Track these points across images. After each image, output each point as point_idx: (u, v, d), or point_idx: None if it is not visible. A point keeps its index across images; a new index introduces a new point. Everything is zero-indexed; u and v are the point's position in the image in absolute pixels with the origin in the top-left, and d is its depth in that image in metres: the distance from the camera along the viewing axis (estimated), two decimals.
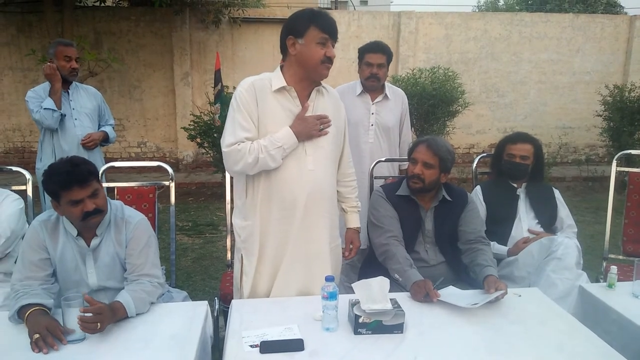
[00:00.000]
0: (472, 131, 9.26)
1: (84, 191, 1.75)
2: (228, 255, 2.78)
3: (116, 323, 1.67)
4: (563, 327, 1.68)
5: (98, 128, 3.51)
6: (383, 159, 2.93)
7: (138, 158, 8.73)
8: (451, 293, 1.92)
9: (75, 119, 3.32)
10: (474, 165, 2.98)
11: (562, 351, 1.53)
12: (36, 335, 1.53)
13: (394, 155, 3.16)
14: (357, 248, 2.22)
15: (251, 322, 1.68)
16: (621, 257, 2.91)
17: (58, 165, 1.76)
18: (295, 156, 1.91)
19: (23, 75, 8.29)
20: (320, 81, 1.97)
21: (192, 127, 6.40)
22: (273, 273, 1.98)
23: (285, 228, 1.94)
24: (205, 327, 1.72)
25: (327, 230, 2.02)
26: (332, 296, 1.60)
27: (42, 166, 3.30)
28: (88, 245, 1.87)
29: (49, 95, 3.18)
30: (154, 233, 2.10)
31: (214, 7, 8.00)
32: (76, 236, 1.85)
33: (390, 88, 3.12)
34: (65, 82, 3.28)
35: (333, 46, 1.91)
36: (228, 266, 2.77)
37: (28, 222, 2.33)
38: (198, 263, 4.28)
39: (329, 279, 1.63)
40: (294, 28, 1.87)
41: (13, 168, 2.59)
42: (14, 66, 8.27)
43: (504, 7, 20.98)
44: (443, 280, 2.15)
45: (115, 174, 5.47)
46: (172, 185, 2.58)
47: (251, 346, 1.53)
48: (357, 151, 2.96)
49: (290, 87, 1.91)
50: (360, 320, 1.60)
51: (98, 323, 1.56)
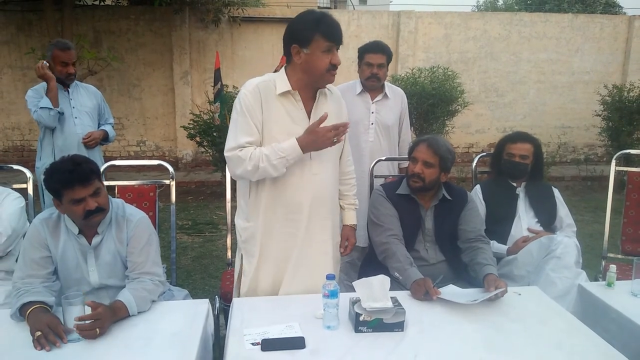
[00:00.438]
0: (472, 130, 9.27)
1: (86, 190, 1.75)
2: (228, 253, 2.79)
3: (118, 321, 1.67)
4: (562, 326, 1.69)
5: (98, 127, 3.51)
6: (383, 158, 2.94)
7: (137, 157, 8.73)
8: (451, 291, 1.93)
9: (75, 118, 3.32)
10: (474, 164, 2.99)
11: (562, 349, 1.54)
12: (38, 332, 1.54)
13: (394, 154, 3.17)
14: (353, 245, 2.23)
15: (252, 320, 1.69)
16: (620, 256, 2.92)
17: (60, 163, 1.76)
18: (299, 160, 1.89)
19: (22, 73, 8.28)
20: (324, 86, 1.96)
21: (192, 126, 6.40)
22: (276, 275, 1.98)
23: (290, 231, 1.94)
24: (206, 326, 1.73)
25: (330, 230, 2.04)
26: (333, 294, 1.61)
27: (42, 165, 3.30)
28: (89, 243, 1.87)
29: (45, 94, 3.17)
30: (155, 231, 2.10)
31: (214, 6, 7.99)
32: (77, 234, 1.85)
33: (389, 87, 3.13)
34: (61, 81, 3.28)
35: (337, 50, 1.87)
36: (228, 265, 2.77)
37: (29, 221, 2.33)
38: (198, 262, 4.28)
39: (330, 277, 1.63)
40: (299, 36, 1.83)
41: (14, 166, 2.59)
42: (14, 65, 8.26)
43: (503, 7, 21.00)
44: (443, 278, 2.15)
45: (114, 173, 5.47)
46: (173, 184, 2.58)
47: (252, 344, 1.53)
48: (357, 150, 2.97)
49: (295, 92, 1.90)
50: (361, 318, 1.60)
51: (97, 329, 1.56)
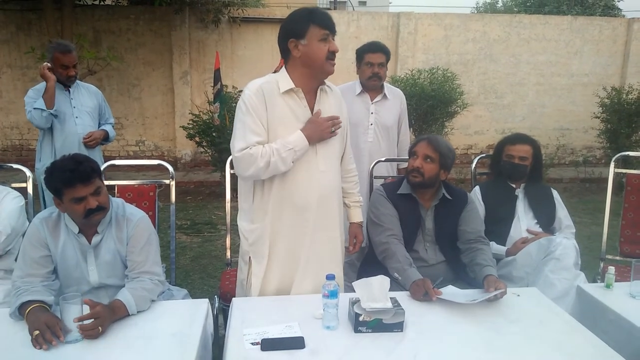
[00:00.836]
0: (471, 132, 9.28)
1: (87, 189, 1.75)
2: (227, 253, 2.79)
3: (117, 321, 1.67)
4: (561, 327, 1.70)
5: (98, 126, 3.50)
6: (382, 159, 2.94)
7: (136, 156, 8.73)
8: (450, 292, 1.93)
9: (76, 117, 3.32)
10: (473, 165, 3.00)
11: (560, 350, 1.54)
12: (36, 331, 1.54)
13: (393, 154, 3.18)
14: (361, 242, 2.24)
15: (252, 320, 1.69)
16: (618, 258, 2.93)
17: (61, 162, 1.76)
18: (306, 157, 1.91)
19: (22, 73, 8.27)
20: (324, 79, 1.98)
21: (191, 126, 6.40)
22: (287, 275, 1.98)
23: (298, 230, 1.95)
24: (206, 325, 1.73)
25: (338, 227, 2.05)
26: (333, 294, 1.61)
27: (41, 166, 3.29)
28: (89, 242, 1.87)
29: (42, 94, 3.16)
30: (155, 231, 2.10)
31: (214, 7, 8.00)
32: (77, 233, 1.85)
33: (388, 88, 3.15)
34: (62, 82, 3.27)
35: (333, 40, 1.91)
36: (227, 265, 2.77)
37: (28, 220, 2.33)
38: (196, 262, 4.28)
39: (330, 278, 1.64)
40: (294, 30, 1.88)
41: (13, 165, 2.58)
42: (13, 64, 8.25)
43: (503, 9, 21.03)
44: (442, 280, 2.16)
45: (113, 172, 5.46)
46: (173, 183, 2.58)
47: (252, 344, 1.54)
48: (357, 151, 2.97)
49: (297, 89, 1.92)
50: (360, 318, 1.61)
51: (99, 327, 1.56)
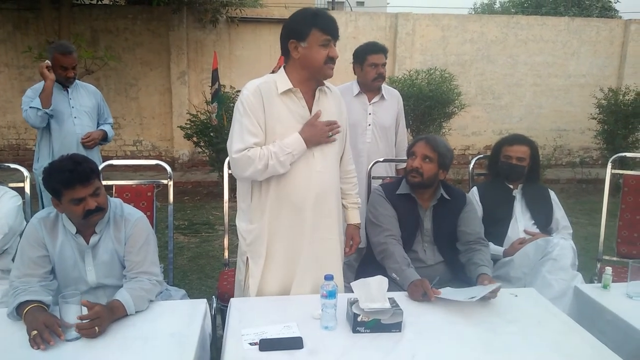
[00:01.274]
0: (468, 133, 9.30)
1: (86, 189, 1.74)
2: (225, 254, 2.78)
3: (115, 321, 1.67)
4: (559, 327, 1.70)
5: (97, 126, 3.49)
6: (381, 160, 2.95)
7: (133, 156, 8.71)
8: (448, 292, 1.93)
9: (74, 118, 3.30)
10: (471, 166, 3.01)
11: (558, 350, 1.54)
12: (34, 331, 1.53)
13: (391, 155, 3.18)
14: (358, 244, 2.24)
15: (250, 320, 1.69)
16: (615, 259, 2.94)
17: (59, 163, 1.75)
18: (303, 157, 1.91)
19: (19, 72, 8.25)
20: (323, 80, 1.98)
21: (189, 126, 6.40)
22: (286, 275, 1.98)
23: (296, 230, 1.95)
24: (204, 325, 1.73)
25: (336, 227, 2.05)
26: (331, 295, 1.61)
27: (40, 167, 3.27)
28: (87, 242, 1.87)
29: (39, 94, 3.13)
30: (153, 231, 2.10)
31: (212, 7, 7.99)
32: (75, 233, 1.85)
33: (385, 89, 3.17)
34: (61, 83, 3.26)
35: (334, 45, 1.91)
36: (225, 265, 2.77)
37: (25, 219, 2.32)
38: (194, 262, 4.27)
39: (328, 278, 1.64)
40: (296, 31, 1.87)
41: (11, 165, 2.57)
42: (10, 63, 8.23)
43: (500, 10, 21.08)
44: (440, 280, 2.16)
45: (110, 172, 5.46)
46: (171, 184, 2.58)
47: (250, 344, 1.53)
48: (355, 151, 2.97)
49: (296, 89, 1.91)
50: (358, 318, 1.61)
51: (96, 328, 1.56)
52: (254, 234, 1.99)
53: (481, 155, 3.05)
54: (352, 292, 1.68)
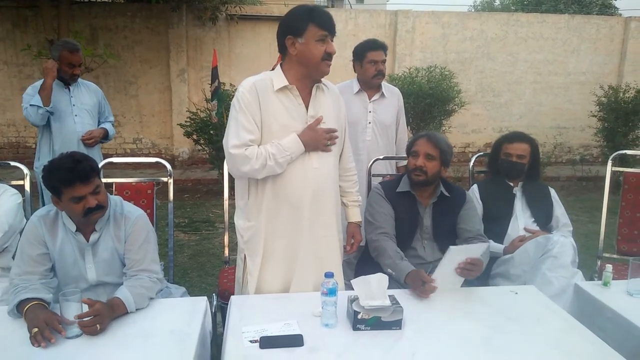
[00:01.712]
0: (468, 130, 9.30)
1: (87, 188, 1.74)
2: (226, 251, 2.78)
3: (116, 318, 1.67)
4: (559, 324, 1.70)
5: (98, 124, 3.48)
6: (381, 157, 2.95)
7: (133, 154, 8.70)
8: (438, 276, 1.91)
9: (75, 116, 3.29)
10: (471, 164, 3.01)
11: (558, 348, 1.55)
12: (35, 329, 1.53)
13: (391, 152, 3.18)
14: (359, 242, 2.23)
15: (251, 318, 1.69)
16: (615, 256, 2.94)
17: (59, 161, 1.74)
18: (300, 155, 1.91)
19: (18, 70, 8.23)
20: (320, 79, 1.97)
21: (189, 124, 6.39)
22: (285, 272, 1.98)
23: (294, 227, 1.95)
24: (204, 323, 1.73)
25: (335, 225, 2.05)
26: (332, 292, 1.61)
27: (40, 165, 3.26)
28: (87, 240, 1.87)
29: (38, 91, 3.12)
30: (153, 228, 2.10)
31: (211, 4, 7.96)
32: (75, 231, 1.85)
33: (386, 86, 3.16)
34: (64, 80, 3.25)
35: (332, 41, 1.90)
36: (225, 262, 2.77)
37: (26, 217, 2.32)
38: (194, 260, 4.28)
39: (328, 275, 1.64)
40: (292, 27, 1.86)
41: (11, 163, 2.57)
42: (9, 61, 8.21)
43: (500, 7, 21.05)
44: (432, 268, 2.15)
45: (110, 170, 5.45)
46: (171, 181, 2.58)
47: (251, 341, 1.54)
48: (355, 149, 2.97)
49: (292, 86, 1.91)
50: (359, 316, 1.61)
51: (97, 325, 1.56)
52: (251, 232, 1.99)
53: (481, 152, 3.06)
54: (352, 290, 1.68)
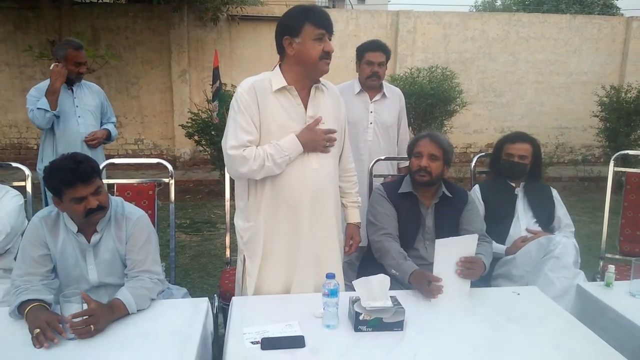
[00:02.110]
0: (469, 130, 9.29)
1: (88, 188, 1.74)
2: (227, 252, 2.78)
3: (117, 320, 1.67)
4: (561, 325, 1.70)
5: (100, 125, 3.48)
6: (382, 158, 2.94)
7: (135, 155, 8.71)
8: (439, 271, 1.89)
9: (78, 117, 3.29)
10: (473, 164, 3.00)
11: (560, 349, 1.54)
12: (37, 330, 1.53)
13: (393, 153, 3.18)
14: (357, 243, 2.23)
15: (252, 319, 1.69)
16: (617, 257, 2.93)
17: (60, 162, 1.75)
18: (298, 156, 1.90)
19: (19, 71, 8.25)
20: (319, 78, 1.97)
21: (190, 125, 6.39)
22: (285, 273, 1.98)
23: (293, 228, 1.94)
24: (206, 324, 1.73)
25: (335, 226, 2.04)
26: (333, 293, 1.61)
27: (43, 166, 3.27)
28: (88, 241, 1.87)
29: (45, 94, 3.10)
30: (154, 229, 2.10)
31: (212, 5, 7.97)
32: (76, 232, 1.85)
33: (387, 87, 3.15)
34: (69, 80, 3.25)
35: (330, 40, 1.89)
36: (227, 264, 2.77)
37: (27, 219, 2.32)
38: (196, 261, 4.28)
39: (330, 276, 1.63)
40: (289, 27, 1.86)
41: (13, 164, 2.57)
42: (11, 62, 8.22)
43: (501, 8, 21.02)
44: None
45: (111, 171, 5.46)
46: (172, 182, 2.58)
47: (252, 342, 1.54)
48: (356, 150, 2.97)
49: (290, 87, 1.91)
50: (360, 317, 1.61)
51: (91, 326, 1.55)
52: (250, 232, 1.98)
53: (483, 153, 3.05)
54: (353, 291, 1.68)
